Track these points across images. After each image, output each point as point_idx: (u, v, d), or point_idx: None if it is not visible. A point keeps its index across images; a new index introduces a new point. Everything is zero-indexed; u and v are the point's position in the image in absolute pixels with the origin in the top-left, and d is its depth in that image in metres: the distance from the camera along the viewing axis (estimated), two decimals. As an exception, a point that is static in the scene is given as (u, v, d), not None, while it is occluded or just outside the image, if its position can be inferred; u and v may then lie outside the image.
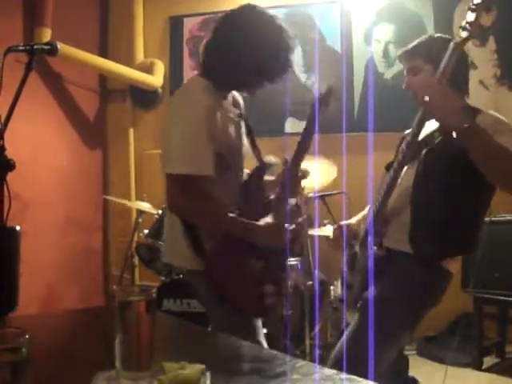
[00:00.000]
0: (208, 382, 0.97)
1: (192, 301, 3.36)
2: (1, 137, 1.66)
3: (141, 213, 4.24)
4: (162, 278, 3.73)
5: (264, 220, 2.02)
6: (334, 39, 4.79)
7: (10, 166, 1.64)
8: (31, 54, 1.80)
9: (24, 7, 4.36)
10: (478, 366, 3.69)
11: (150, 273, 4.01)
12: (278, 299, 2.06)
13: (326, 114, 2.15)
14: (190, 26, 5.13)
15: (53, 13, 4.38)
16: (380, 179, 2.21)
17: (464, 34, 1.82)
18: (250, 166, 2.23)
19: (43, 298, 4.35)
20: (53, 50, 1.89)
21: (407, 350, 3.29)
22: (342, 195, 3.67)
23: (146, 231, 3.80)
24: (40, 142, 4.43)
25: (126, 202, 4.50)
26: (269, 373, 1.07)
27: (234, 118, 2.10)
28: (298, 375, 1.05)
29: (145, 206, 4.16)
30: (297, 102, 4.80)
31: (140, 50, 5.16)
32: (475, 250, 2.16)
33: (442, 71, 1.83)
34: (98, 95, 5.28)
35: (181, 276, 3.49)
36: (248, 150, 2.21)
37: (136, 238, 4.27)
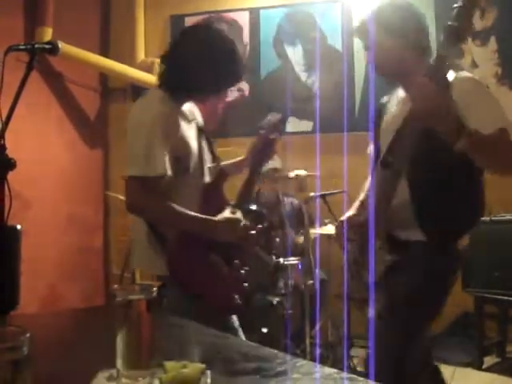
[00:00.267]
0: (208, 381, 0.98)
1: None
2: (2, 136, 1.66)
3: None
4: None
5: (221, 215, 2.12)
6: (334, 38, 4.79)
7: (10, 165, 1.64)
8: (32, 53, 1.80)
9: (25, 6, 4.36)
10: (478, 365, 3.69)
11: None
12: (240, 293, 2.16)
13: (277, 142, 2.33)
14: (191, 24, 5.13)
15: (54, 12, 4.38)
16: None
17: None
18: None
19: (44, 296, 4.35)
20: (54, 49, 1.89)
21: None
22: (343, 194, 3.68)
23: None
24: (41, 141, 4.43)
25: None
26: (269, 372, 1.07)
27: (191, 125, 2.21)
28: (298, 374, 1.05)
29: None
30: (298, 101, 4.81)
31: (141, 49, 5.16)
32: (481, 217, 2.06)
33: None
34: (99, 94, 5.28)
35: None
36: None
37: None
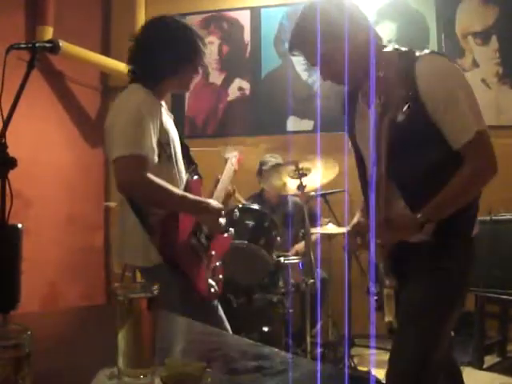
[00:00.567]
0: (209, 380, 0.98)
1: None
2: (3, 134, 1.66)
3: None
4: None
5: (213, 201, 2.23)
6: (335, 37, 4.79)
7: (11, 163, 1.64)
8: (33, 51, 1.80)
9: (26, 5, 4.36)
10: (479, 364, 3.69)
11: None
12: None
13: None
14: (191, 24, 5.13)
15: (55, 11, 4.39)
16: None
17: None
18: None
19: (45, 295, 4.36)
20: (54, 48, 1.89)
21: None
22: (344, 194, 3.68)
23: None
24: (42, 139, 4.43)
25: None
26: (270, 370, 1.07)
27: (170, 118, 2.27)
28: (299, 373, 1.06)
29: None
30: (298, 100, 4.81)
31: (142, 48, 5.15)
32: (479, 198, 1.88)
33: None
34: (99, 93, 5.29)
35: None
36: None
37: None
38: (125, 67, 2.24)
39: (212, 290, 2.19)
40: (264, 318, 3.62)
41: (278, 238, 3.67)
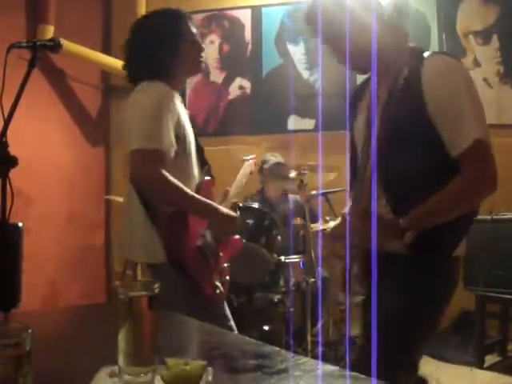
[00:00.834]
0: (210, 378, 0.98)
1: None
2: (3, 133, 1.66)
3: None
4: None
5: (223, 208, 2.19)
6: (336, 36, 4.78)
7: (12, 162, 1.63)
8: (34, 50, 1.80)
9: (27, 4, 4.36)
10: (479, 364, 3.68)
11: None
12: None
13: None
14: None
15: (55, 10, 4.38)
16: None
17: None
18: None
19: (46, 294, 4.36)
20: (55, 47, 1.89)
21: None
22: (345, 193, 3.67)
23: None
24: (43, 138, 4.43)
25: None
26: (271, 369, 1.07)
27: (187, 114, 2.21)
28: (300, 372, 1.06)
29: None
30: (300, 99, 4.81)
31: (143, 47, 5.15)
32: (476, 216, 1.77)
33: None
34: (100, 92, 5.29)
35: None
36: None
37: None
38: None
39: (218, 291, 2.16)
40: (265, 317, 3.62)
41: (279, 237, 3.67)
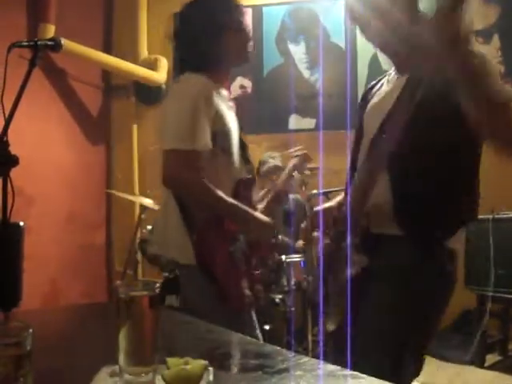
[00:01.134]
0: (211, 378, 0.98)
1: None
2: (4, 133, 1.66)
3: (144, 209, 4.24)
4: (165, 274, 3.73)
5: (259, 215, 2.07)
6: (337, 35, 4.79)
7: (13, 161, 1.64)
8: (35, 49, 1.80)
9: (28, 3, 4.36)
10: (480, 363, 3.69)
11: (152, 268, 4.01)
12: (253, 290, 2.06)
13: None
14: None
15: (56, 9, 4.38)
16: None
17: None
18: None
19: (46, 293, 4.37)
20: (56, 46, 1.89)
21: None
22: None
23: (150, 227, 3.80)
24: (43, 137, 4.43)
25: (130, 197, 4.50)
26: (272, 369, 1.07)
27: (231, 109, 2.14)
28: (301, 371, 1.05)
29: (148, 201, 4.17)
30: (300, 99, 4.81)
31: (144, 47, 5.15)
32: (476, 217, 1.73)
33: None
34: (101, 91, 5.29)
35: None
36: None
37: (139, 234, 4.27)
38: (126, 65, 2.22)
39: (247, 300, 2.02)
40: (265, 317, 3.62)
41: (280, 236, 3.66)
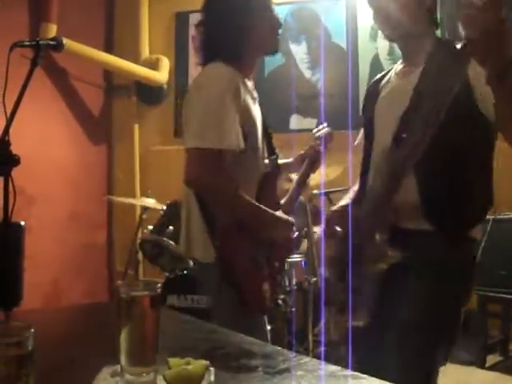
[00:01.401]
0: (212, 378, 0.98)
1: (196, 296, 3.36)
2: (6, 132, 1.66)
3: (145, 209, 4.24)
4: (166, 274, 3.74)
5: (278, 213, 1.99)
6: (339, 36, 4.78)
7: (15, 161, 1.64)
8: (37, 49, 1.81)
9: (29, 3, 4.37)
10: (481, 364, 3.68)
11: (153, 269, 4.01)
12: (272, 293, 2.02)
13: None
14: (195, 22, 5.13)
15: (58, 8, 4.39)
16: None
17: None
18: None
19: (48, 292, 4.37)
20: (58, 46, 1.90)
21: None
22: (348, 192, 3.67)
23: (151, 227, 3.80)
24: (45, 137, 4.44)
25: (130, 200, 4.49)
26: (273, 369, 1.07)
27: (256, 101, 2.03)
28: (302, 371, 1.05)
29: (149, 201, 4.17)
30: (302, 99, 4.80)
31: (145, 46, 5.16)
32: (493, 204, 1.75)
33: None
34: (103, 91, 5.29)
35: (185, 272, 3.49)
36: None
37: (140, 234, 4.27)
38: (128, 65, 2.21)
39: (266, 304, 1.99)
40: (267, 317, 3.62)
41: (297, 233, 3.66)
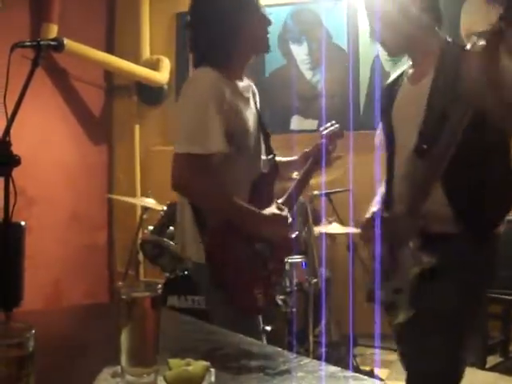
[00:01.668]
0: (213, 379, 0.98)
1: (196, 297, 3.36)
2: (7, 132, 1.66)
3: (146, 209, 4.24)
4: (167, 275, 3.74)
5: (269, 209, 1.97)
6: (340, 37, 4.78)
7: (15, 161, 1.64)
8: (37, 49, 1.81)
9: (30, 3, 4.36)
10: (481, 365, 3.68)
11: (154, 269, 4.01)
12: (267, 294, 1.99)
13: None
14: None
15: (59, 9, 4.39)
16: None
17: None
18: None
19: (48, 293, 4.36)
20: (59, 46, 1.90)
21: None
22: (348, 193, 3.67)
23: (151, 228, 3.80)
24: (46, 137, 4.44)
25: (131, 200, 4.49)
26: (273, 370, 1.07)
27: (249, 107, 2.02)
28: (302, 373, 1.05)
29: (150, 202, 4.16)
30: (302, 100, 4.80)
31: (146, 47, 5.16)
32: None
33: None
34: (103, 91, 5.29)
35: (185, 272, 3.49)
36: None
37: (141, 235, 4.27)
38: (129, 65, 2.21)
39: (258, 304, 1.95)
40: (267, 317, 3.62)
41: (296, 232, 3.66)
